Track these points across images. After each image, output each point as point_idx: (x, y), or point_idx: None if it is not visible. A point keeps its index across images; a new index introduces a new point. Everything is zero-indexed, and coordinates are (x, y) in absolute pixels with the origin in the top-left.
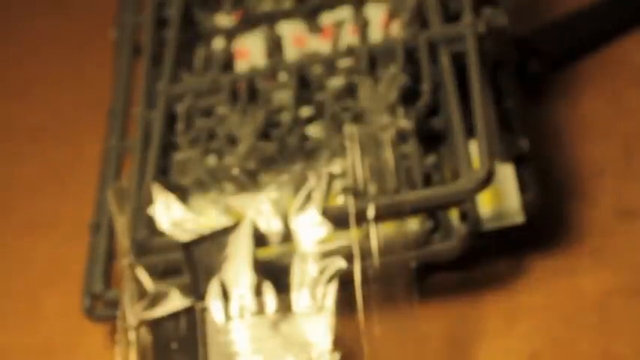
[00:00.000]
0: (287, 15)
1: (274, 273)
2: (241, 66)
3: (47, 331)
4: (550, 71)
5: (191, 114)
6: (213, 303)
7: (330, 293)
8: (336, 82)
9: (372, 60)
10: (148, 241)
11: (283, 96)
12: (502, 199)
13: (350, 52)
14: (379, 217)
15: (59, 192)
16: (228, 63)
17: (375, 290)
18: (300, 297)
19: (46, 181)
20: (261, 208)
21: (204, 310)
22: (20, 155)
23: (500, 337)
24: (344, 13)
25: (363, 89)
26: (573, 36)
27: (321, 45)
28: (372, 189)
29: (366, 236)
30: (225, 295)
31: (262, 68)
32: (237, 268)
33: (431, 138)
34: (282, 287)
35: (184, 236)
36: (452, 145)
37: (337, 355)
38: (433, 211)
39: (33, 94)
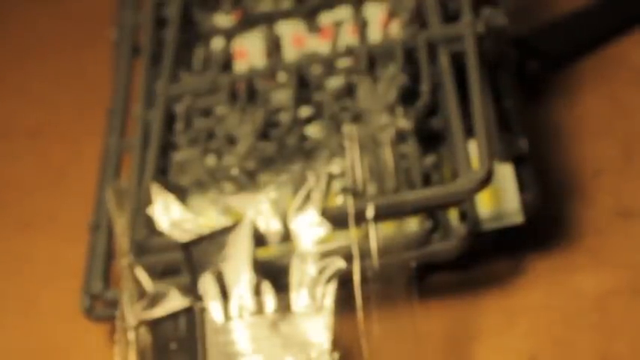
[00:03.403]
0: (286, 15)
1: (273, 273)
2: (240, 66)
3: (46, 331)
4: (549, 71)
5: (190, 114)
6: (212, 303)
7: (329, 293)
8: (336, 82)
9: (372, 60)
10: (147, 241)
11: (282, 96)
12: (501, 199)
13: (349, 52)
14: (379, 217)
15: (58, 191)
16: (227, 63)
17: (375, 290)
18: (299, 297)
19: (44, 179)
20: (261, 208)
21: (203, 310)
22: (19, 154)
23: (500, 337)
24: (343, 12)
25: (362, 89)
26: (572, 36)
27: (320, 45)
28: (372, 189)
29: (366, 236)
30: (225, 295)
31: (261, 68)
32: (237, 268)
33: (430, 138)
34: (282, 287)
35: (183, 236)
36: (451, 145)
37: (336, 355)
38: (432, 211)
39: (32, 93)
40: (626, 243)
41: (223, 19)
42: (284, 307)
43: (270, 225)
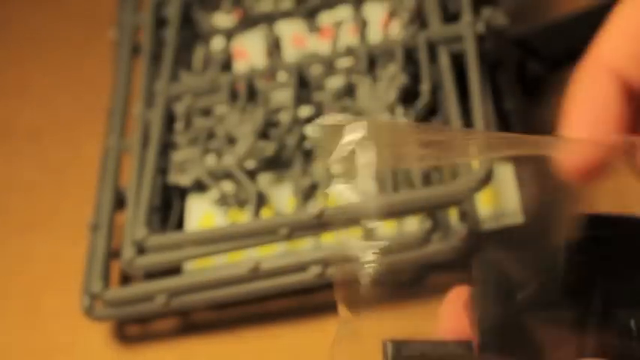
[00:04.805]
0: (286, 15)
1: None
2: (240, 66)
3: (46, 331)
4: (549, 72)
5: (190, 113)
6: None
7: None
8: (336, 82)
9: (371, 60)
10: (147, 241)
11: (282, 96)
12: (501, 199)
13: (349, 52)
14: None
15: (58, 191)
16: (227, 63)
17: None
18: None
19: (44, 180)
20: None
21: None
22: (19, 154)
23: None
24: (343, 12)
25: (362, 89)
26: (573, 37)
27: (320, 45)
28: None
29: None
30: None
31: (261, 68)
32: None
33: None
34: None
35: None
36: None
37: None
38: (432, 211)
39: (32, 93)
40: None
41: (223, 19)
42: None
43: None
